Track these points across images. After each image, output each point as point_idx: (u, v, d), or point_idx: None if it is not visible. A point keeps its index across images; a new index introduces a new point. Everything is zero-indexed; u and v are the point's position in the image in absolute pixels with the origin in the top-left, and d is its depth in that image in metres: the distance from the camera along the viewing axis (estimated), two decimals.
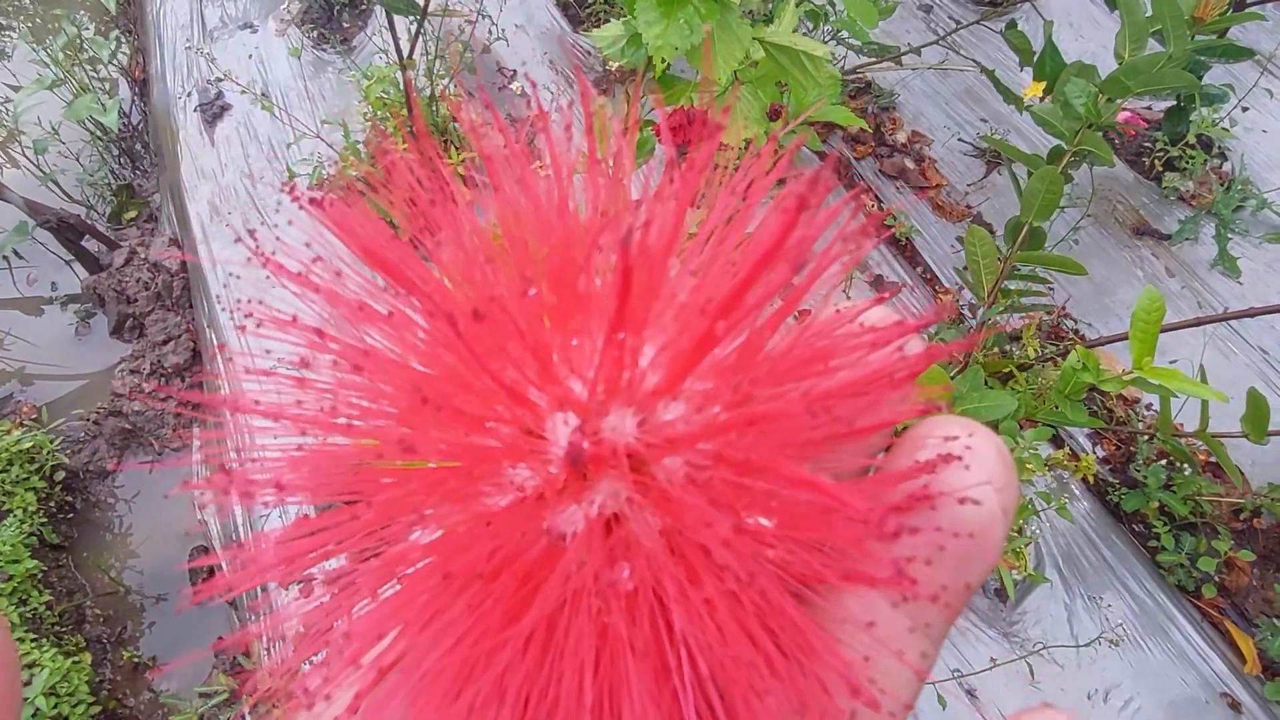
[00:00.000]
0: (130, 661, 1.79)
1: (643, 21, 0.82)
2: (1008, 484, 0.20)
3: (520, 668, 0.20)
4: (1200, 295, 1.88)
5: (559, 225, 0.22)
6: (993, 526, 0.20)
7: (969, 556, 0.20)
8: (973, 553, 0.20)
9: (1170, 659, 1.49)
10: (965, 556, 0.20)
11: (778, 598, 0.19)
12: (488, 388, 0.20)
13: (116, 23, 2.79)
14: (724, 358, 0.20)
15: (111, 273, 2.22)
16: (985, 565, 0.21)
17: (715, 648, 0.19)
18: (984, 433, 0.21)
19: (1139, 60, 1.21)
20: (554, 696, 0.19)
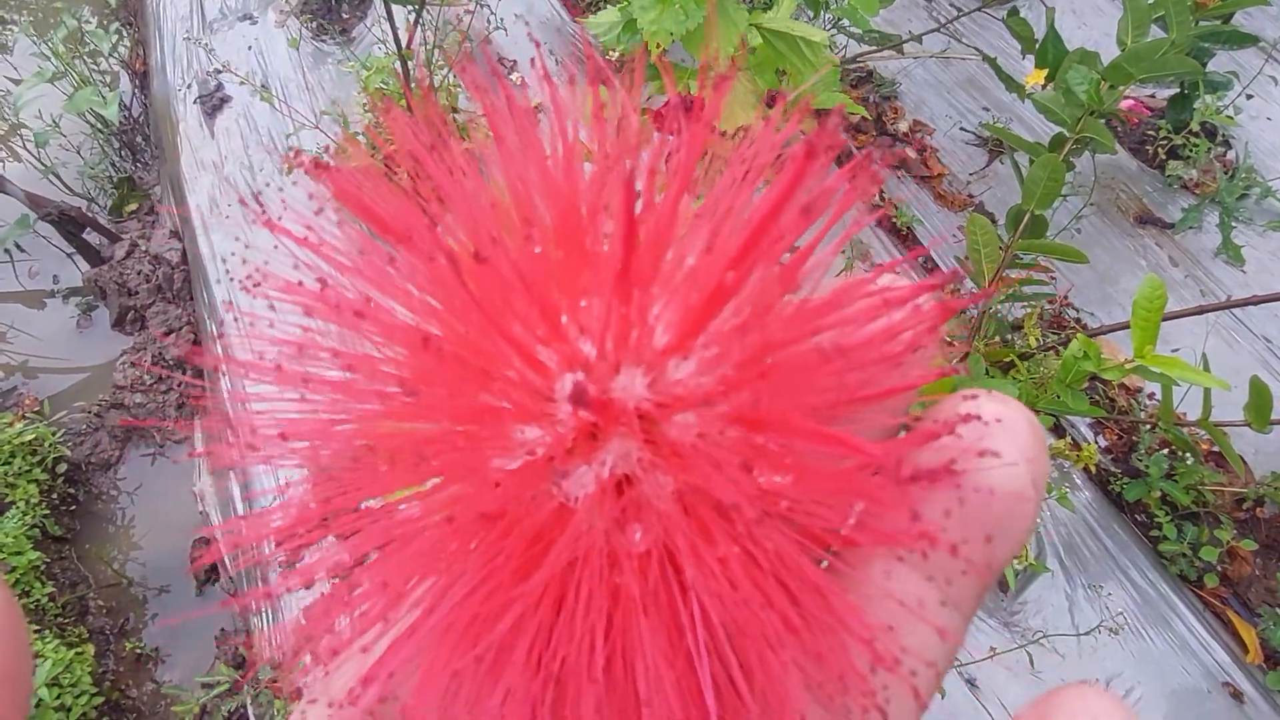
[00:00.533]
0: (133, 653, 1.79)
1: (638, 6, 0.82)
2: (1039, 456, 0.20)
3: (530, 626, 0.19)
4: (1203, 284, 1.87)
5: (565, 182, 0.22)
6: (1023, 495, 0.20)
7: (997, 518, 0.20)
8: (1001, 515, 0.20)
9: (1172, 648, 1.49)
10: (991, 517, 0.20)
11: (794, 557, 0.19)
12: (494, 346, 0.20)
13: (117, 15, 2.79)
14: (736, 313, 0.20)
15: (113, 265, 2.22)
16: (1016, 534, 0.20)
17: (730, 608, 0.19)
18: (1016, 405, 0.20)
19: (1142, 47, 1.20)
20: (564, 656, 0.19)
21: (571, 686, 0.19)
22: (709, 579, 0.19)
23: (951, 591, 0.20)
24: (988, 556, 0.20)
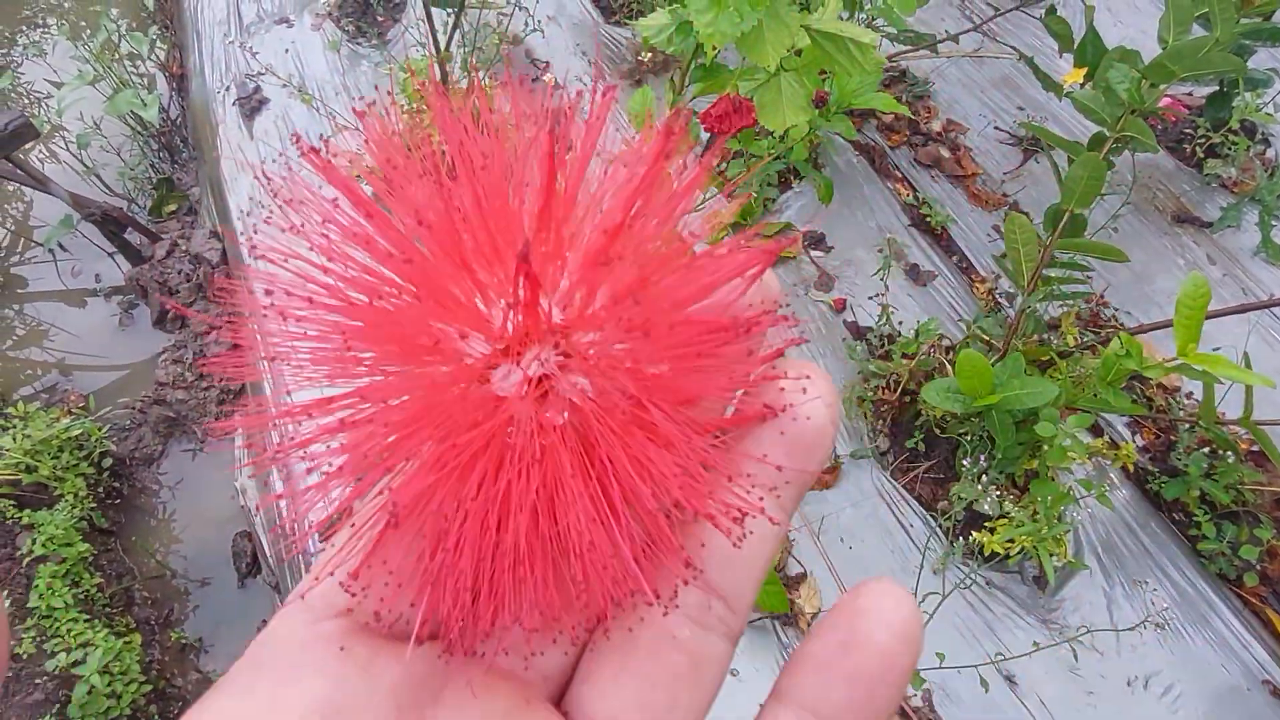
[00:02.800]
0: (178, 643, 1.83)
1: (693, 9, 0.83)
2: (834, 400, 0.28)
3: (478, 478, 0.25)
4: (1243, 283, 1.86)
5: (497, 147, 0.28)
6: (825, 426, 0.28)
7: (809, 440, 0.27)
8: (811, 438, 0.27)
9: (1211, 646, 1.49)
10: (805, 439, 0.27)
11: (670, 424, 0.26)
12: (452, 282, 0.26)
13: (154, 18, 2.84)
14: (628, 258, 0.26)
15: (153, 264, 2.26)
16: (822, 451, 0.28)
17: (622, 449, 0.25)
18: (818, 369, 0.29)
19: (1184, 44, 1.20)
20: (509, 481, 0.25)
21: (513, 509, 0.25)
22: (608, 431, 0.25)
23: (780, 495, 0.28)
24: (804, 471, 0.28)
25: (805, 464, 0.28)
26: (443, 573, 0.26)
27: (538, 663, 0.27)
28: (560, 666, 0.27)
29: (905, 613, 0.26)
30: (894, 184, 2.08)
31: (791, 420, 0.27)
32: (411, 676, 0.26)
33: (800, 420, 0.27)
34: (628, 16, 2.41)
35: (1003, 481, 1.54)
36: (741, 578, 0.27)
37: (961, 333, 1.77)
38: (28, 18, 3.03)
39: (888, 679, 0.25)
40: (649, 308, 0.25)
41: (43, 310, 2.37)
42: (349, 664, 0.25)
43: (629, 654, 0.27)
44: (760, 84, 1.04)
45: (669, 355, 0.26)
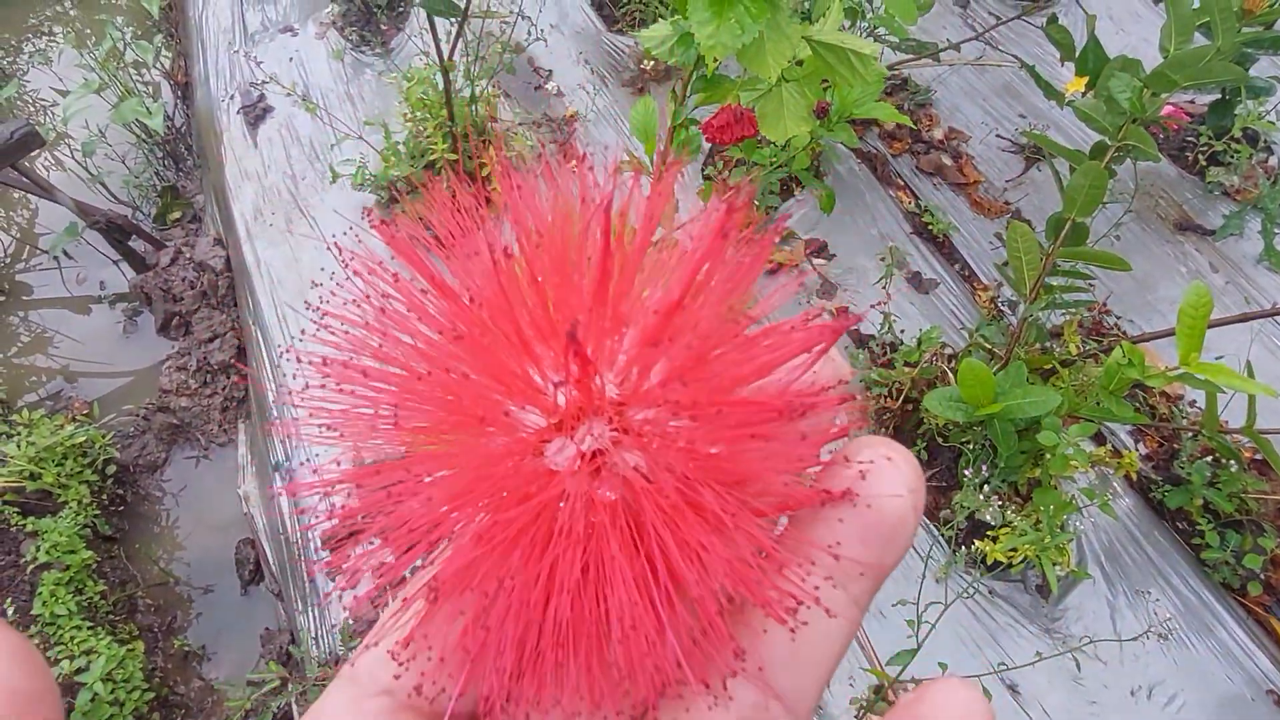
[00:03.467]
0: (180, 650, 1.83)
1: (695, 21, 0.83)
2: (918, 488, 0.26)
3: (523, 554, 0.25)
4: (1246, 291, 1.86)
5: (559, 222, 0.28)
6: (905, 518, 0.26)
7: (884, 533, 0.26)
8: (887, 531, 0.26)
9: (1215, 656, 1.48)
10: (881, 532, 0.26)
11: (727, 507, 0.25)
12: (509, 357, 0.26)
13: (159, 27, 2.85)
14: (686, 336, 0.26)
15: (158, 272, 2.27)
16: (898, 546, 0.26)
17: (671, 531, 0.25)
18: (901, 449, 0.27)
19: (1186, 53, 1.20)
20: (554, 559, 0.25)
21: (557, 587, 0.25)
22: (660, 516, 0.25)
23: (850, 588, 0.26)
24: (880, 563, 0.26)
25: (880, 557, 0.26)
26: (483, 649, 0.26)
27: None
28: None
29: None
30: (896, 192, 2.08)
31: (866, 507, 0.26)
32: None
33: (876, 508, 0.26)
34: (630, 25, 2.42)
35: (1005, 490, 1.54)
36: (804, 679, 0.26)
37: (964, 341, 1.77)
38: (34, 26, 3.04)
39: None
40: (698, 388, 0.24)
41: (47, 317, 2.38)
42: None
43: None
44: (762, 94, 1.05)
45: (723, 435, 0.25)
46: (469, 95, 2.00)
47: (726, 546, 0.25)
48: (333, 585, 1.74)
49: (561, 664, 0.25)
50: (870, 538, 0.26)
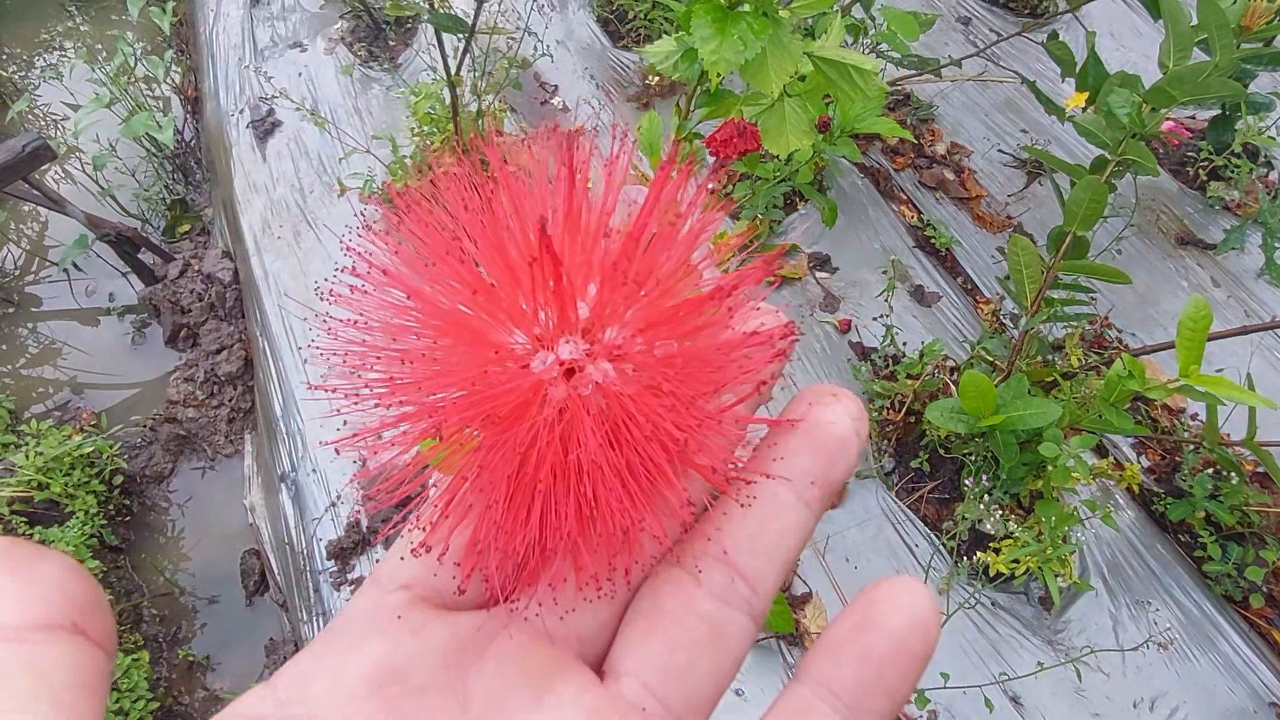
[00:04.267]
0: (185, 660, 1.84)
1: (698, 37, 0.85)
2: (860, 417, 0.31)
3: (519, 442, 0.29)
4: (1247, 305, 1.87)
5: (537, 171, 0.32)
6: (849, 437, 0.30)
7: (833, 449, 0.30)
8: (835, 447, 0.30)
9: (1217, 668, 1.48)
10: (830, 447, 0.30)
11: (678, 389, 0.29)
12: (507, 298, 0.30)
13: (170, 43, 2.89)
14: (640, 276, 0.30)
15: (166, 284, 2.29)
16: (847, 460, 0.30)
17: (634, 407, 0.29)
18: (848, 391, 0.31)
19: (1185, 69, 1.21)
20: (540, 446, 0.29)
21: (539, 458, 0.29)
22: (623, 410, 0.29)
23: (801, 493, 0.30)
24: (828, 475, 0.30)
25: (827, 470, 0.30)
26: (483, 525, 0.30)
27: (574, 625, 0.30)
28: (594, 631, 0.30)
29: (919, 602, 0.28)
30: (899, 206, 2.10)
31: (814, 426, 0.30)
32: (458, 639, 0.29)
33: (824, 426, 0.30)
34: (634, 42, 2.45)
35: (1007, 502, 1.55)
36: (764, 563, 0.30)
37: (966, 353, 1.78)
38: (45, 41, 3.08)
39: (899, 660, 0.27)
40: (651, 309, 0.29)
41: (56, 329, 2.40)
42: (405, 629, 0.29)
43: (656, 620, 0.29)
44: (764, 109, 1.06)
45: (674, 333, 0.29)
46: (475, 110, 2.02)
47: (678, 424, 0.29)
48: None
49: (546, 516, 0.29)
50: (818, 452, 0.30)
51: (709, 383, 0.30)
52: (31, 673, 0.22)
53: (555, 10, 2.57)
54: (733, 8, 0.89)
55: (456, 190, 0.31)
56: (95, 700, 0.23)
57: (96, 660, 0.23)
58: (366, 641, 0.28)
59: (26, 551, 0.24)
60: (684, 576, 0.30)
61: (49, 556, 0.24)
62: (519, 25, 2.35)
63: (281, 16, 2.71)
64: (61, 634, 0.23)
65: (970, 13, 2.45)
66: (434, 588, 0.30)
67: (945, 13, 2.45)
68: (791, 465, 0.30)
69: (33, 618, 0.23)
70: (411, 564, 0.30)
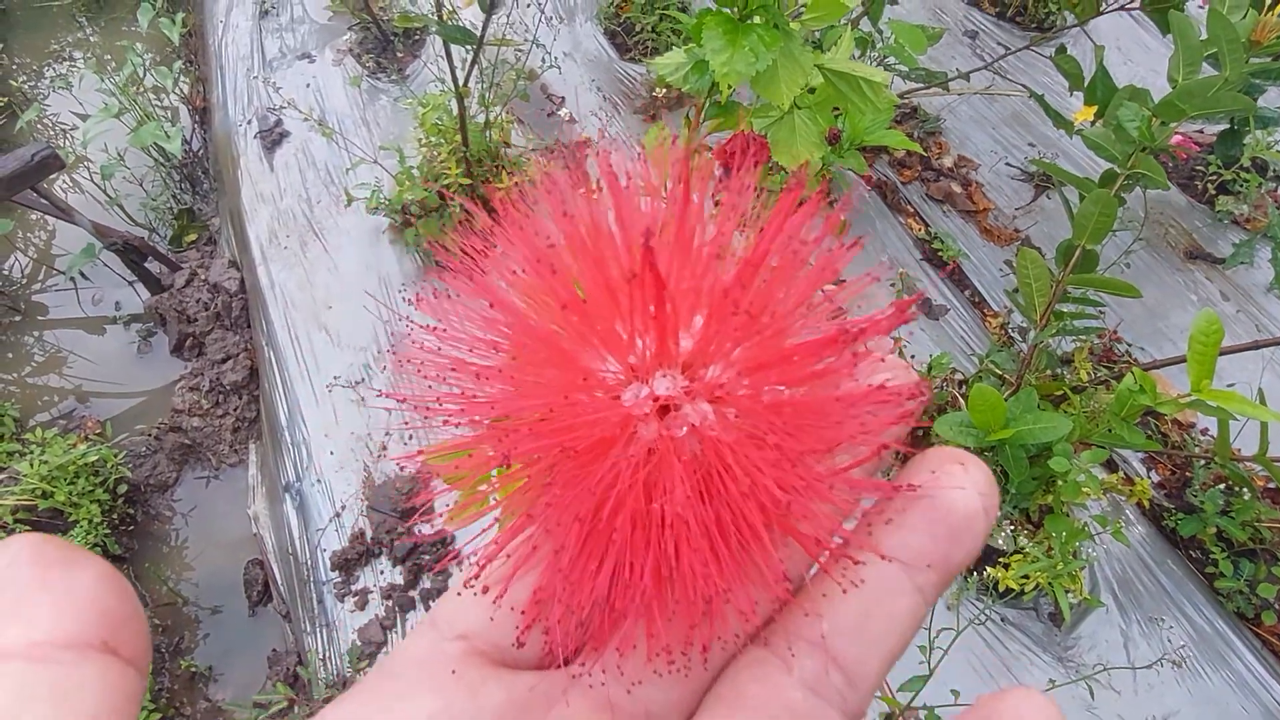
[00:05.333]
0: (188, 671, 1.83)
1: (709, 49, 0.85)
2: (991, 493, 0.27)
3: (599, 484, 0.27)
4: (1257, 319, 1.86)
5: None
6: (977, 515, 0.27)
7: (956, 528, 0.26)
8: (958, 526, 0.26)
9: (1230, 686, 1.47)
10: (952, 526, 0.26)
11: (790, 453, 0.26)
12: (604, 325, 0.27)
13: (179, 53, 2.90)
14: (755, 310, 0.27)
15: (173, 293, 2.29)
16: (970, 543, 0.27)
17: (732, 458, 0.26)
18: (976, 459, 0.27)
19: (1194, 84, 1.21)
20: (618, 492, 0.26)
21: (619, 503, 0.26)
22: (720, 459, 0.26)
23: (915, 576, 0.27)
24: (948, 559, 0.27)
25: (947, 551, 0.26)
26: (548, 571, 0.27)
27: (641, 699, 0.27)
28: (664, 709, 0.28)
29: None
30: (906, 219, 2.09)
31: (934, 502, 0.27)
32: (514, 704, 0.27)
33: (944, 502, 0.27)
34: (642, 54, 2.45)
35: (1017, 516, 1.54)
36: (866, 653, 0.26)
37: (974, 367, 1.77)
38: (55, 52, 3.10)
39: None
40: (763, 348, 0.26)
41: (62, 338, 2.40)
42: (459, 686, 0.27)
43: (736, 707, 0.27)
44: (774, 121, 1.06)
45: (784, 377, 0.27)
46: (483, 121, 2.02)
47: (781, 484, 0.26)
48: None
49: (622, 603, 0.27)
50: (938, 531, 0.26)
51: (821, 439, 0.27)
52: (56, 697, 0.21)
53: (563, 23, 2.58)
54: (744, 20, 0.89)
55: (556, 195, 0.29)
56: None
57: (127, 681, 0.22)
58: (418, 694, 0.27)
59: (61, 556, 0.23)
60: (773, 659, 0.27)
61: (84, 564, 0.23)
62: (527, 37, 2.36)
63: (290, 28, 2.72)
64: (92, 654, 0.22)
65: (978, 27, 2.45)
66: (492, 641, 0.28)
67: (953, 27, 2.46)
68: (906, 542, 0.27)
69: (63, 635, 0.22)
70: (470, 610, 0.29)
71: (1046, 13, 2.41)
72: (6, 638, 0.21)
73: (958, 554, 0.27)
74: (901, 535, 0.27)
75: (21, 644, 0.21)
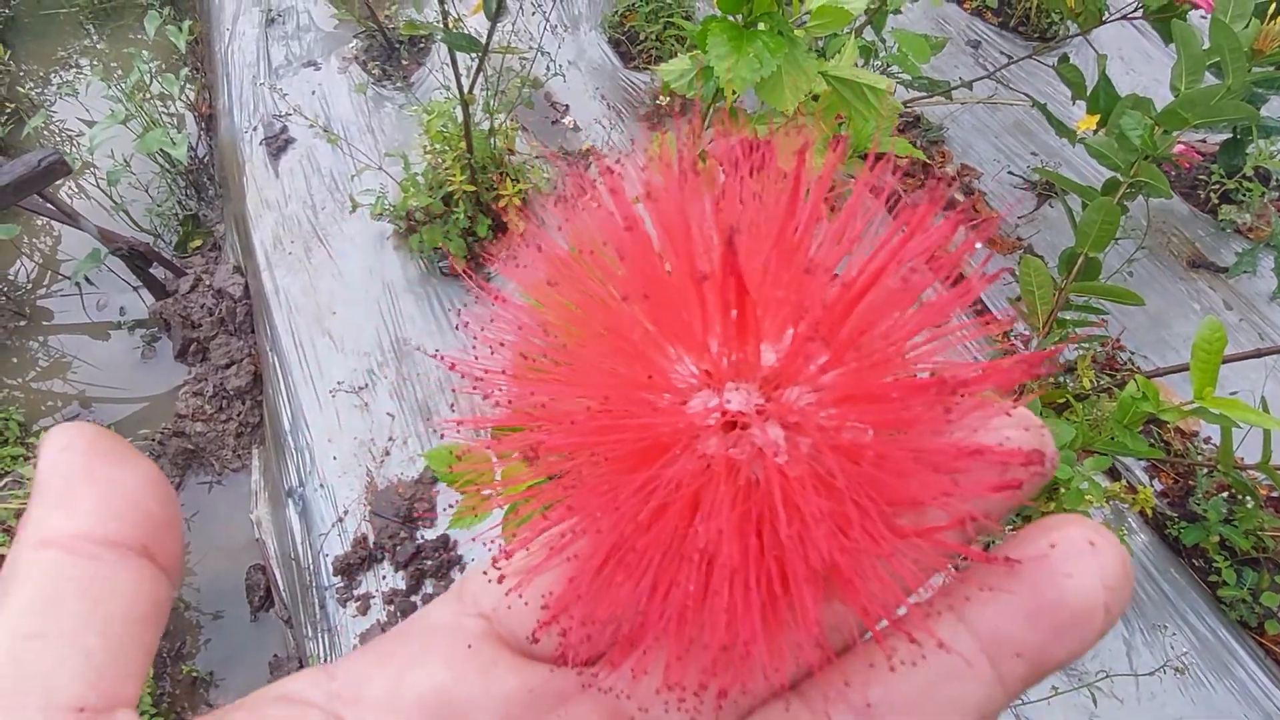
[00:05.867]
0: (189, 676, 1.83)
1: (714, 55, 0.86)
2: (1120, 586, 0.22)
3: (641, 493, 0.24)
4: (1260, 328, 1.86)
5: None
6: (1092, 613, 0.22)
7: (1061, 624, 0.22)
8: (1065, 623, 0.22)
9: (1233, 695, 1.46)
10: (1056, 622, 0.22)
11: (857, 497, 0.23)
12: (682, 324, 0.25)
13: (185, 60, 2.92)
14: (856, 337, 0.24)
15: (177, 299, 2.30)
16: (1077, 643, 0.22)
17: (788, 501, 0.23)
18: (1113, 540, 0.23)
19: (1196, 92, 1.21)
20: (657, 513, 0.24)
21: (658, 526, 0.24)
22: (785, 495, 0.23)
23: (1000, 664, 0.23)
24: (1044, 653, 0.23)
25: (1046, 646, 0.22)
26: (572, 575, 0.26)
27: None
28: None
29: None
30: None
31: (1047, 581, 0.22)
32: (524, 691, 0.26)
33: (1058, 589, 0.22)
34: (646, 63, 2.46)
35: (1019, 525, 1.53)
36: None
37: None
38: (62, 59, 3.12)
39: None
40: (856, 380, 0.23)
41: (66, 343, 2.41)
42: (472, 663, 0.27)
43: None
44: (778, 127, 1.07)
45: (870, 418, 0.23)
46: (488, 128, 2.03)
47: (844, 546, 0.23)
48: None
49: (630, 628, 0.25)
50: (1041, 620, 0.22)
51: (898, 494, 0.23)
52: (89, 596, 0.21)
53: (568, 31, 2.59)
54: (748, 27, 0.90)
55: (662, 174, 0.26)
56: (148, 635, 0.22)
57: (159, 588, 0.22)
58: (431, 661, 0.26)
59: (112, 450, 0.22)
60: (806, 717, 0.24)
61: (133, 463, 0.23)
62: (532, 45, 2.37)
63: (296, 35, 2.74)
64: (130, 555, 0.22)
65: (980, 36, 2.46)
66: (511, 627, 0.28)
67: (956, 36, 2.47)
68: (995, 621, 0.23)
69: (104, 532, 0.21)
70: (495, 590, 0.28)
71: (1049, 22, 2.41)
72: (50, 525, 0.21)
73: (1059, 652, 0.22)
74: (993, 612, 0.23)
75: (64, 534, 0.21)
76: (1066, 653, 0.22)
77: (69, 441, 0.22)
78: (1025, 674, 0.23)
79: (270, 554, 1.94)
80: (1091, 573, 0.22)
